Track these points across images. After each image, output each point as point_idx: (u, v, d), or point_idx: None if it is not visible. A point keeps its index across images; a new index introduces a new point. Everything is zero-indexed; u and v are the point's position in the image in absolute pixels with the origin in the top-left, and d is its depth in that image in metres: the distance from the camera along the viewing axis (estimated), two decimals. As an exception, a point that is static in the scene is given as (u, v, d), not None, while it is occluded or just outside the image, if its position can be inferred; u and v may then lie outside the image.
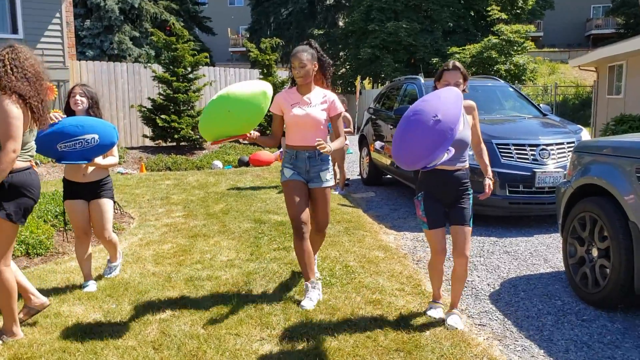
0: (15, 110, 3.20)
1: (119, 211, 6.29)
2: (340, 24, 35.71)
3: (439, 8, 25.16)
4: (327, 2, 36.91)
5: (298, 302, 4.04)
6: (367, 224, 6.64)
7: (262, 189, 8.54)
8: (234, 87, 3.90)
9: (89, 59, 25.99)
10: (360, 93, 23.96)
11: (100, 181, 4.39)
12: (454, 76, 3.65)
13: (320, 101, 4.07)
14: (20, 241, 5.26)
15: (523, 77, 22.85)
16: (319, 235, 4.38)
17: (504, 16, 25.21)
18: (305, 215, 4.04)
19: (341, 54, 30.75)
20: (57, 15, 11.67)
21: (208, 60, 12.98)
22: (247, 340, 3.52)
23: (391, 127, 8.55)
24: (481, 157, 3.81)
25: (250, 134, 3.94)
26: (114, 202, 4.60)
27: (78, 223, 4.37)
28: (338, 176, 8.74)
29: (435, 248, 3.72)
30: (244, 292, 4.31)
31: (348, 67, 29.76)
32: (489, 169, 3.79)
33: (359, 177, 10.40)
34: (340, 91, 29.01)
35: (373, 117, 9.75)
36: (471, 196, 3.73)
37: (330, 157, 4.22)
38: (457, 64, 3.72)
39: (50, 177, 9.95)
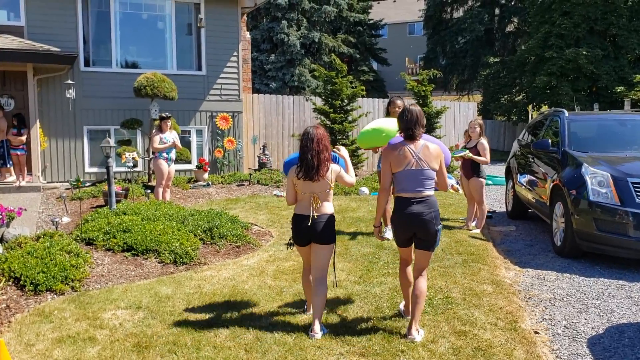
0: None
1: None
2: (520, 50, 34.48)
3: (626, 33, 23.16)
4: (507, 29, 35.92)
5: (385, 325, 4.30)
6: (490, 257, 6.59)
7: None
8: (385, 123, 5.82)
9: (272, 90, 28.43)
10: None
11: None
12: None
13: None
14: (171, 251, 6.20)
15: None
16: None
17: None
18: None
19: (517, 81, 29.66)
20: (235, 53, 13.19)
21: (364, 93, 13.61)
22: (326, 352, 3.88)
23: (532, 159, 8.32)
24: None
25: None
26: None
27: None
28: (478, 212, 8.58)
29: None
30: (340, 311, 4.67)
31: (523, 95, 28.62)
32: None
33: (504, 209, 10.14)
34: (515, 119, 28.02)
35: (519, 148, 9.52)
36: None
37: None
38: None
39: (218, 196, 11.23)
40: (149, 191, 9.33)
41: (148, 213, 7.14)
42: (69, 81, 11.12)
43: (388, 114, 7.67)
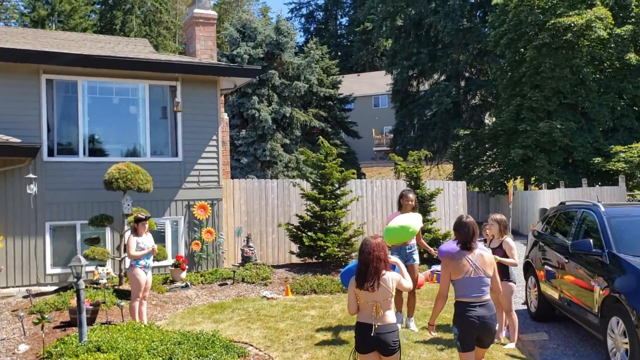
0: None
1: None
2: (487, 121, 34.72)
3: (597, 107, 23.24)
4: (473, 102, 36.30)
5: None
6: (546, 390, 5.51)
7: (418, 330, 7.67)
8: (410, 221, 7.28)
9: (244, 165, 27.50)
10: (513, 194, 22.47)
11: None
12: None
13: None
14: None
15: None
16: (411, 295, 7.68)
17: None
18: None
19: (489, 152, 29.49)
20: (214, 137, 12.20)
21: (355, 176, 12.74)
22: None
23: (566, 260, 7.39)
24: None
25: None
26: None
27: None
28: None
29: None
30: None
31: (497, 166, 28.37)
32: None
33: (524, 307, 9.15)
34: (489, 192, 27.62)
35: (541, 242, 8.64)
36: None
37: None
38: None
39: (199, 300, 9.88)
40: (122, 303, 7.99)
41: (127, 347, 5.83)
42: (30, 175, 9.86)
43: (400, 206, 7.93)
